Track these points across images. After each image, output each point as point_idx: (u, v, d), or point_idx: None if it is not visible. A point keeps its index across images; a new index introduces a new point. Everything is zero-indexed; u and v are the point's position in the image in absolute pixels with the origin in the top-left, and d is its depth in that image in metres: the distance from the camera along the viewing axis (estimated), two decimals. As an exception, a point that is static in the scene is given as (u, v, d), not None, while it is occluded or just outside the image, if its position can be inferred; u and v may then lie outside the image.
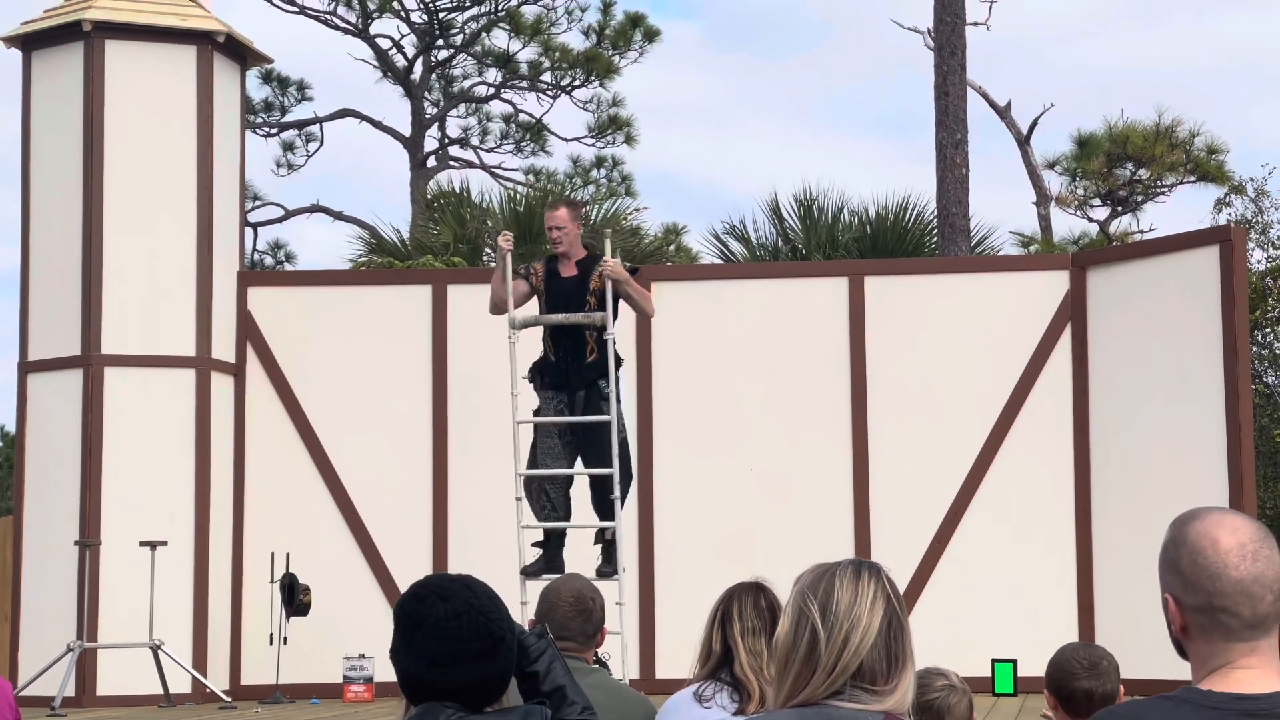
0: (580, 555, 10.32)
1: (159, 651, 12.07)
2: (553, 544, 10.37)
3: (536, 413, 10.41)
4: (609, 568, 10.26)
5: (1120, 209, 25.16)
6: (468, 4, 26.41)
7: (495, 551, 10.81)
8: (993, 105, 23.93)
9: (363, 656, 12.58)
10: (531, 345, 10.53)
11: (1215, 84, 54.82)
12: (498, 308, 10.49)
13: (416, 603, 3.34)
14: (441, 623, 3.29)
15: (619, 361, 10.37)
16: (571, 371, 10.26)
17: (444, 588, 3.35)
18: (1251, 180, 24.29)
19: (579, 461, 10.39)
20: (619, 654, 9.66)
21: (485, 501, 12.66)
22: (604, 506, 10.32)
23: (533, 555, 10.36)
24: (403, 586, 12.49)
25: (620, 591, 10.04)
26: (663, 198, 65.41)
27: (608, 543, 10.34)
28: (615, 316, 10.27)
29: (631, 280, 10.27)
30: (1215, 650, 2.69)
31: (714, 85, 58.88)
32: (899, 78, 61.34)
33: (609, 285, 10.19)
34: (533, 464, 10.34)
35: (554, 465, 10.29)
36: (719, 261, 20.52)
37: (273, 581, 12.67)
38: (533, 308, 10.51)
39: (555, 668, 3.58)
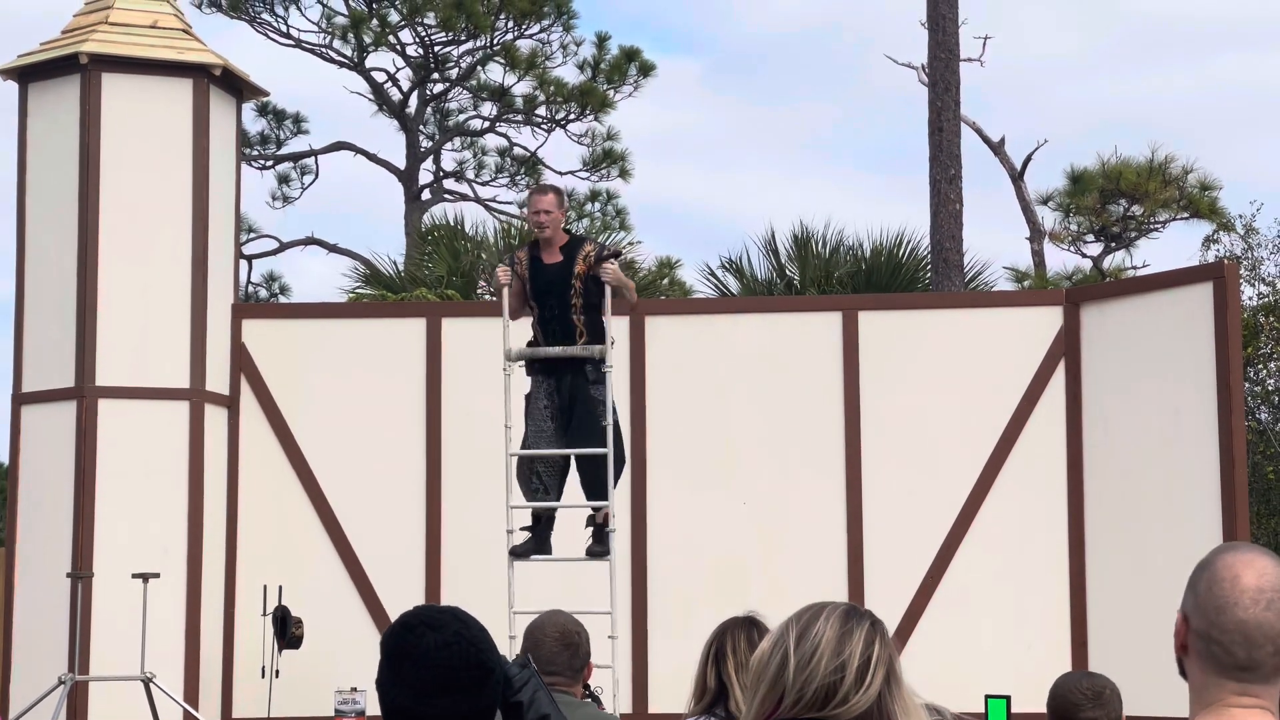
0: (572, 537, 10.45)
1: (151, 684, 12.02)
2: (542, 526, 10.50)
3: (528, 396, 10.50)
4: (600, 547, 10.35)
5: (1114, 245, 25.21)
6: (463, 38, 26.45)
7: (489, 586, 10.79)
8: (987, 141, 23.98)
9: (355, 690, 12.54)
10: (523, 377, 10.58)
11: (1208, 121, 54.94)
12: (514, 315, 10.70)
13: (406, 632, 3.29)
14: (432, 653, 3.24)
15: (610, 343, 10.50)
16: (563, 357, 10.40)
17: (433, 618, 3.32)
18: (1240, 217, 24.36)
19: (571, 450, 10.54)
20: (610, 688, 9.66)
21: (479, 535, 12.62)
22: (593, 487, 10.37)
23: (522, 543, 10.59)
24: (395, 620, 12.48)
25: (613, 625, 10.06)
26: (658, 231, 65.52)
27: (599, 524, 10.40)
28: (609, 310, 10.40)
29: (624, 279, 10.48)
30: (1208, 682, 2.68)
31: (712, 120, 59.01)
32: (893, 114, 61.47)
33: (597, 265, 10.31)
34: (525, 447, 10.49)
35: (544, 448, 10.38)
36: (713, 295, 20.52)
37: (265, 614, 12.64)
38: (525, 337, 10.59)
39: (539, 698, 3.53)
